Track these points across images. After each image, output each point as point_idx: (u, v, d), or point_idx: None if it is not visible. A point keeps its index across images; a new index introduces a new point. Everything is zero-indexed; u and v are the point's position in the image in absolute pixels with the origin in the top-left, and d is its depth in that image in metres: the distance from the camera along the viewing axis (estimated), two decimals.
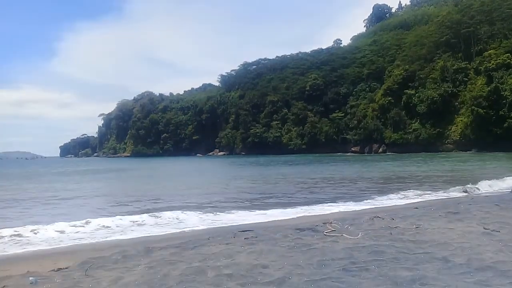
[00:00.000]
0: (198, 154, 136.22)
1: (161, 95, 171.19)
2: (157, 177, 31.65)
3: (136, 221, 9.86)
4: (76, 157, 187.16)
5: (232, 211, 11.36)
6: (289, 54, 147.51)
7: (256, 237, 5.72)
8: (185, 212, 11.06)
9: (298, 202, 13.10)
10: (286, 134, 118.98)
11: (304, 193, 16.02)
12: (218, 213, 11.06)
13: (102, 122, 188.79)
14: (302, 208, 11.72)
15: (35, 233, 8.69)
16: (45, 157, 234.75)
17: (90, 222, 9.71)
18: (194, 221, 9.99)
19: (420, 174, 24.63)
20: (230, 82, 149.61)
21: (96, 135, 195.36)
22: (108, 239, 8.13)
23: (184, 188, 20.19)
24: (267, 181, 22.86)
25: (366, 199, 13.42)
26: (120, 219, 10.11)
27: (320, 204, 12.49)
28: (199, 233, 8.13)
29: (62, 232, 8.90)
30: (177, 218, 10.29)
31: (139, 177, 32.05)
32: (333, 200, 13.49)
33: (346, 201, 12.97)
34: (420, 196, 13.88)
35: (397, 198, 13.68)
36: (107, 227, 9.32)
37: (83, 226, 9.38)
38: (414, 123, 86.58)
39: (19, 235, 8.50)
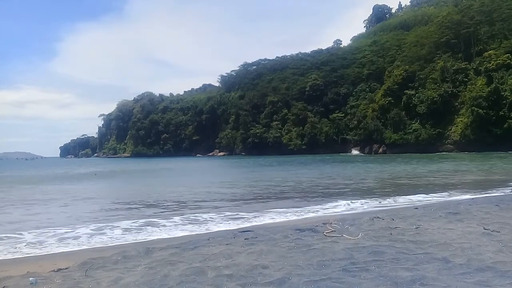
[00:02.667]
0: (198, 155, 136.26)
1: (161, 95, 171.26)
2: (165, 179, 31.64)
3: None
4: (76, 157, 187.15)
5: (233, 211, 11.35)
6: (289, 54, 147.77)
7: (256, 237, 5.71)
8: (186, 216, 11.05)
9: (297, 203, 13.09)
10: (286, 134, 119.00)
11: (303, 194, 16.01)
12: (218, 215, 11.06)
13: (102, 122, 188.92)
14: (301, 209, 11.73)
15: (38, 235, 8.69)
16: (45, 158, 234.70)
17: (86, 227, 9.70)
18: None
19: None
20: (230, 82, 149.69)
21: (96, 136, 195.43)
22: (109, 241, 8.13)
23: (184, 190, 20.20)
24: (267, 182, 22.86)
25: (369, 200, 13.42)
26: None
27: (320, 205, 12.49)
28: (199, 233, 8.13)
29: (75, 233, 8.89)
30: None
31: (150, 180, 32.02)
32: (333, 200, 13.48)
33: (346, 202, 12.96)
34: None
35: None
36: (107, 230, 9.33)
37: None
38: (414, 123, 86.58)
39: (21, 237, 8.50)
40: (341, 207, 11.99)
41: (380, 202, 12.74)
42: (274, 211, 11.43)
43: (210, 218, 10.36)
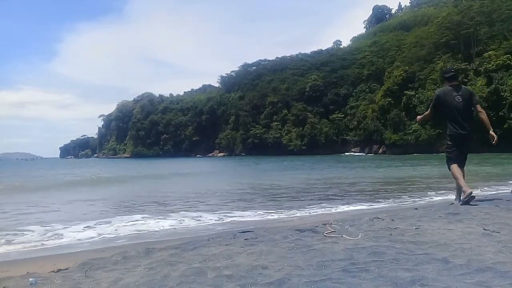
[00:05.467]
0: (198, 155, 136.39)
1: (161, 96, 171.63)
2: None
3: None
4: (76, 158, 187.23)
5: (233, 212, 11.35)
6: (289, 55, 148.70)
7: (256, 238, 5.71)
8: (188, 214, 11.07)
9: (297, 203, 13.09)
10: (286, 135, 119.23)
11: (303, 194, 16.01)
12: (218, 214, 11.07)
13: (102, 123, 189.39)
14: (301, 209, 11.73)
15: (38, 235, 8.68)
16: (45, 158, 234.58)
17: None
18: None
19: None
20: (230, 83, 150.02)
21: (96, 136, 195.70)
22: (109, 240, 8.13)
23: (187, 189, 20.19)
24: (267, 183, 22.87)
25: (368, 200, 13.42)
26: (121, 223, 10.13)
27: (319, 205, 12.49)
28: (199, 234, 8.13)
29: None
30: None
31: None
32: (333, 201, 13.49)
33: (346, 202, 12.97)
34: None
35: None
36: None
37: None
38: (414, 124, 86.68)
39: (21, 237, 8.50)
40: (340, 207, 11.99)
41: (379, 203, 12.74)
42: (274, 211, 11.44)
43: (210, 218, 10.36)
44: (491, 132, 6.58)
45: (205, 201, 14.63)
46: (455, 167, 6.87)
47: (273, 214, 11.08)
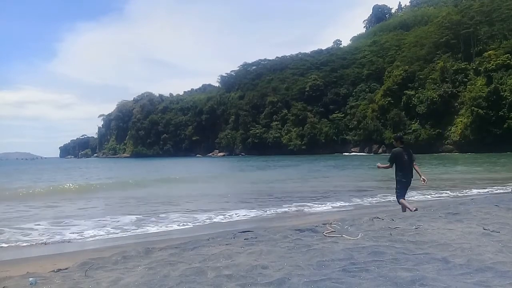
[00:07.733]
0: (198, 155, 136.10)
1: (160, 95, 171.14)
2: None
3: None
4: (76, 157, 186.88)
5: (233, 212, 11.35)
6: (289, 54, 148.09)
7: (256, 237, 5.72)
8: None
9: (297, 203, 13.09)
10: (286, 134, 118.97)
11: (303, 194, 16.02)
12: (218, 213, 11.07)
13: (102, 122, 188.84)
14: (301, 209, 11.74)
15: (38, 235, 8.68)
16: (45, 158, 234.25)
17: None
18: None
19: None
20: (230, 82, 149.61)
21: (96, 136, 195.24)
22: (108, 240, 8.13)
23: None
24: (268, 182, 22.88)
25: (367, 199, 13.43)
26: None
27: (319, 205, 12.49)
28: (199, 234, 8.13)
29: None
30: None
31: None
32: (333, 201, 13.49)
33: (346, 202, 12.98)
34: None
35: None
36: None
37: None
38: (414, 123, 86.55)
39: (21, 237, 8.50)
40: (340, 207, 12.00)
41: (379, 202, 12.75)
42: (274, 211, 11.44)
43: (209, 218, 10.37)
44: (423, 177, 8.45)
45: (205, 201, 14.65)
46: (403, 201, 8.81)
47: (273, 213, 11.08)
